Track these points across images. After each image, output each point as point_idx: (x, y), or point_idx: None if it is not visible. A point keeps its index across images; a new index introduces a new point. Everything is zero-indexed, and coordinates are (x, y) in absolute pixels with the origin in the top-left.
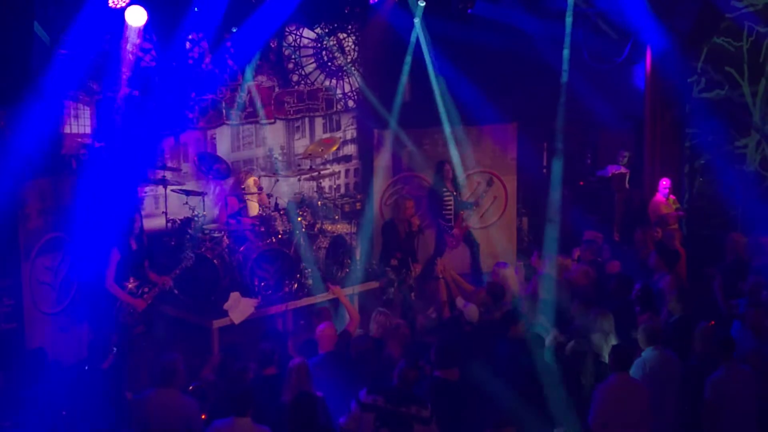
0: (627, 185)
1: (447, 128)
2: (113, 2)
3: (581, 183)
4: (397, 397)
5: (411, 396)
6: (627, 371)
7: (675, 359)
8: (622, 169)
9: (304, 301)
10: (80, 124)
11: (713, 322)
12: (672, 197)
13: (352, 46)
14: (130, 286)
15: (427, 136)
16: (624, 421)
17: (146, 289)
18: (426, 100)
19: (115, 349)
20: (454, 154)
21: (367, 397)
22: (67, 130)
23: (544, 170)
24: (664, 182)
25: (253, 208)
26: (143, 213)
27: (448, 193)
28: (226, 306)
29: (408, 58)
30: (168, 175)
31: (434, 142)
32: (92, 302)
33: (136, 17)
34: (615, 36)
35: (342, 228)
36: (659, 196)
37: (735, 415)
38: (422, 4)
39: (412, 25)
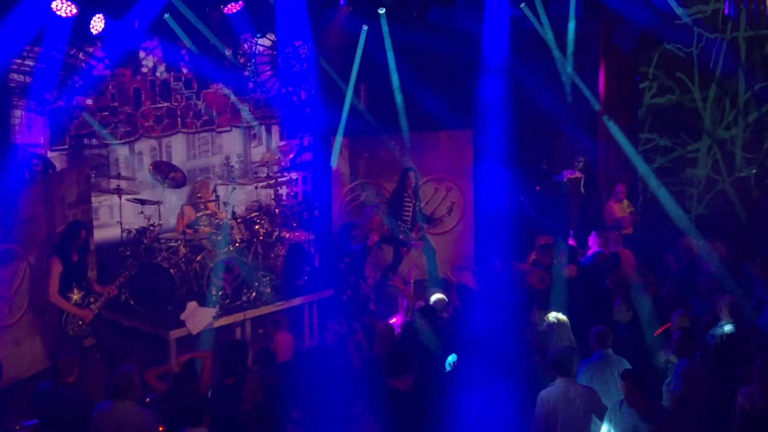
0: (582, 190)
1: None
2: (60, 10)
3: (537, 188)
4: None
5: (337, 398)
6: (570, 376)
7: (624, 363)
8: (578, 174)
9: (263, 310)
10: (32, 133)
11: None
12: (626, 201)
13: (308, 53)
14: (74, 297)
15: (382, 143)
16: (566, 425)
17: (92, 299)
18: (381, 107)
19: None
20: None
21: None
22: (19, 140)
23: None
24: (620, 188)
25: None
26: (97, 223)
27: (408, 200)
28: (183, 316)
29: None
30: (123, 184)
31: (389, 148)
32: (42, 314)
33: (96, 25)
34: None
35: (300, 236)
36: (614, 200)
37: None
38: (382, 11)
39: (368, 32)
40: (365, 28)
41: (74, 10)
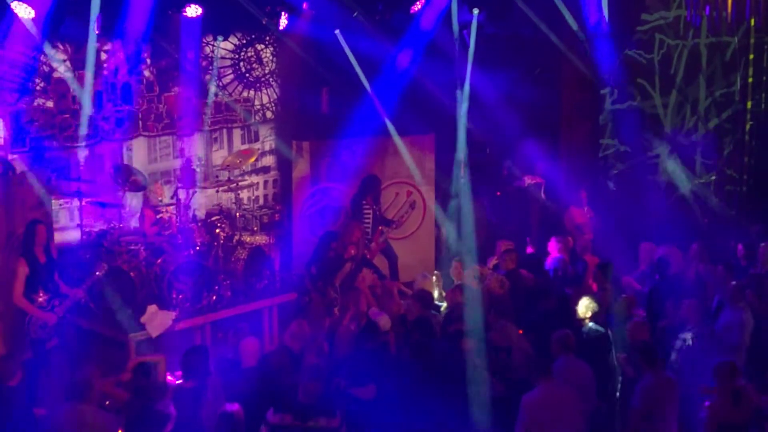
0: (543, 195)
1: None
2: (19, 11)
3: (498, 193)
4: (303, 412)
5: (317, 409)
6: (551, 378)
7: (586, 367)
8: (538, 179)
9: (223, 314)
10: None
11: None
12: (586, 206)
13: (270, 57)
14: (40, 299)
15: (345, 148)
16: (553, 429)
17: (57, 302)
18: (344, 112)
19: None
20: None
21: (275, 417)
22: None
23: (462, 180)
24: (582, 194)
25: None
26: (57, 226)
27: (367, 206)
28: (143, 319)
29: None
30: (83, 187)
31: (352, 153)
32: (4, 317)
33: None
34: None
35: (261, 239)
36: (575, 206)
37: (661, 420)
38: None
39: (330, 37)
40: (337, 32)
41: (32, 13)
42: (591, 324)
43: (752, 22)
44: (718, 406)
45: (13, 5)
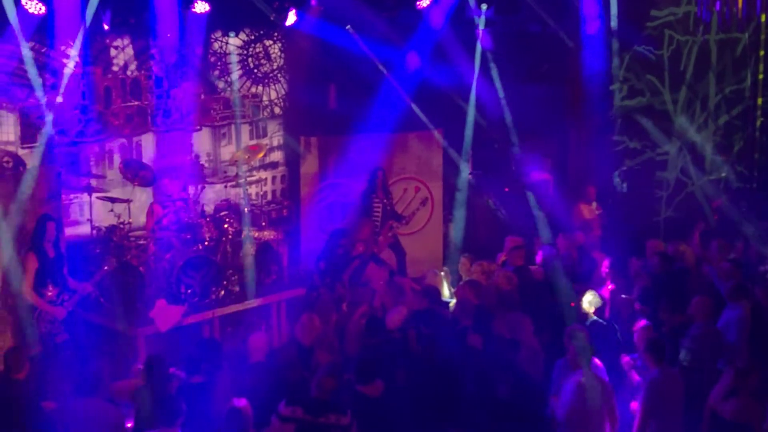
0: (551, 191)
1: None
2: (30, 8)
3: (506, 189)
4: (315, 407)
5: (329, 405)
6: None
7: (596, 361)
8: (546, 175)
9: (232, 308)
10: (3, 131)
11: None
12: (594, 203)
13: (279, 53)
14: (49, 294)
15: (353, 144)
16: (588, 413)
17: (66, 297)
18: (352, 108)
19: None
20: None
21: (286, 409)
22: None
23: (470, 176)
24: (590, 190)
25: None
26: (68, 221)
27: (377, 200)
28: (152, 314)
29: None
30: (93, 182)
31: (360, 149)
32: (14, 311)
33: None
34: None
35: (269, 235)
36: (583, 202)
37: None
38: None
39: (339, 32)
40: (349, 27)
41: (43, 9)
42: (594, 317)
43: (763, 18)
44: (715, 392)
45: (24, 1)
